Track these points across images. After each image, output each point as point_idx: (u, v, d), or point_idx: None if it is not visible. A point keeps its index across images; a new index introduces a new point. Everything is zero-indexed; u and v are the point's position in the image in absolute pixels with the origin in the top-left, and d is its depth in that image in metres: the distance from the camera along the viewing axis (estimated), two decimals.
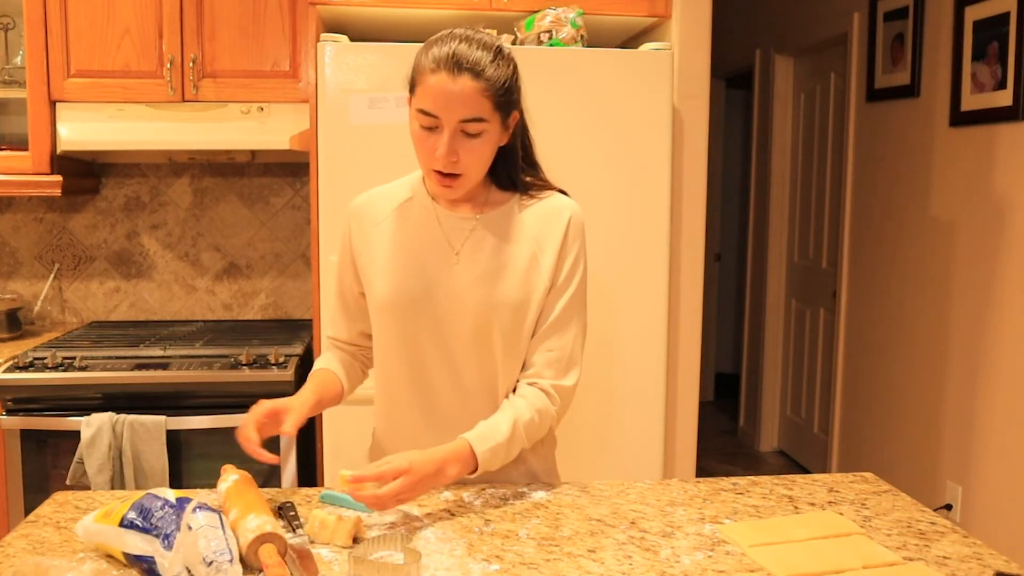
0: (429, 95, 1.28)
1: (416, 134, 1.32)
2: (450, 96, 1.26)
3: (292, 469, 2.35)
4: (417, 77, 1.31)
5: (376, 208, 1.46)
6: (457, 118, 1.28)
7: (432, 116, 1.28)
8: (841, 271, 3.85)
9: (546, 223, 1.41)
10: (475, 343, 1.40)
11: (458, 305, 1.39)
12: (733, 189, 5.81)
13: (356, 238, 1.46)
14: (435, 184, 1.35)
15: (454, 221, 1.41)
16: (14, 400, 2.28)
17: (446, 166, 1.31)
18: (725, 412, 5.39)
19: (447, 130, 1.28)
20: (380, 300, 1.42)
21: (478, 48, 1.29)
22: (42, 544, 1.20)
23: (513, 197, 1.43)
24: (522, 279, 1.39)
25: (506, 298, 1.38)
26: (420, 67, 1.30)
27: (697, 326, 2.54)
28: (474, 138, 1.30)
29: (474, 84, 1.27)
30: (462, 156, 1.30)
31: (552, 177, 1.51)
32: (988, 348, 2.87)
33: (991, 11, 2.79)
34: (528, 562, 1.15)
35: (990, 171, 2.86)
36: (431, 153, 1.30)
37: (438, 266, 1.40)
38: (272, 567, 1.06)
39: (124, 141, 2.58)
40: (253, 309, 3.02)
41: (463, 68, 1.26)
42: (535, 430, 1.39)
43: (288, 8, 2.56)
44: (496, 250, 1.39)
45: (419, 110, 1.29)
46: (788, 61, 4.49)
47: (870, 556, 1.17)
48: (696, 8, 2.45)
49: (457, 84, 1.26)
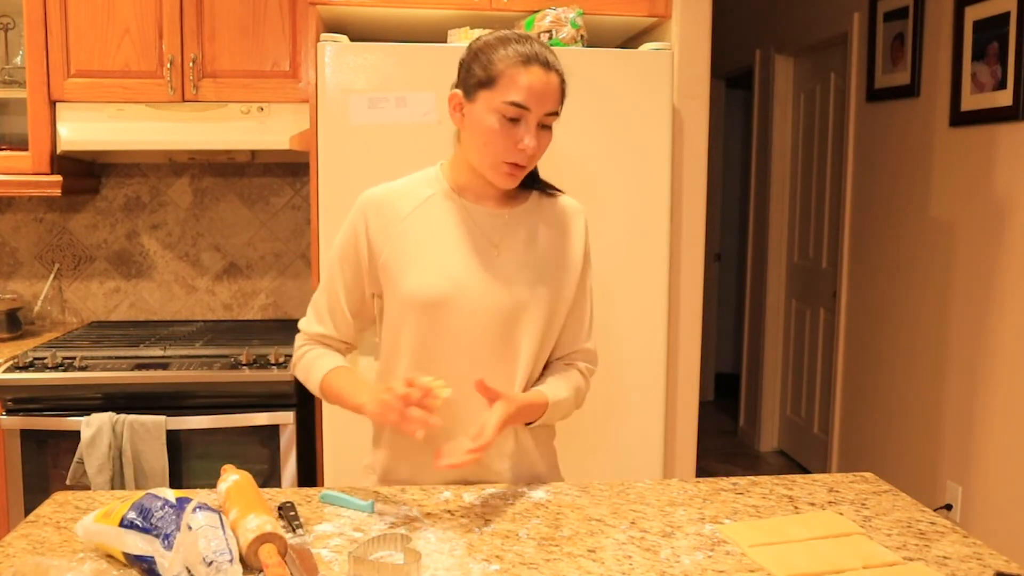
0: (522, 88, 1.33)
1: (493, 129, 1.35)
2: (545, 89, 1.34)
3: (292, 469, 2.35)
4: (496, 72, 1.34)
5: (398, 203, 1.45)
6: (544, 110, 1.35)
7: (523, 108, 1.33)
8: (841, 271, 3.85)
9: (568, 218, 1.51)
10: (502, 336, 1.42)
11: (493, 299, 1.41)
12: (733, 189, 5.81)
13: (376, 234, 1.43)
14: (503, 175, 1.38)
15: (485, 216, 1.45)
16: (14, 400, 2.28)
17: (528, 158, 1.37)
18: (725, 412, 5.39)
19: (534, 123, 1.35)
20: (411, 296, 1.40)
21: (549, 51, 1.38)
22: (42, 544, 1.20)
23: (532, 194, 1.50)
24: (556, 271, 1.47)
25: (545, 292, 1.45)
26: (500, 62, 1.34)
27: (697, 326, 2.55)
28: (547, 130, 1.38)
29: (557, 80, 1.36)
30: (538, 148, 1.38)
31: (552, 177, 1.55)
32: (988, 348, 2.87)
33: (991, 11, 2.79)
34: (528, 562, 1.15)
35: (990, 171, 2.86)
36: (513, 145, 1.35)
37: (477, 260, 1.42)
38: (272, 567, 1.06)
39: (124, 141, 2.58)
40: (253, 309, 3.02)
41: (551, 65, 1.36)
42: (584, 394, 1.54)
43: (288, 8, 2.56)
44: (529, 243, 1.45)
45: (508, 103, 1.33)
46: (788, 61, 4.49)
47: (870, 556, 1.17)
48: (696, 8, 2.45)
49: (549, 79, 1.35)
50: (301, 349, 1.52)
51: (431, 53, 2.24)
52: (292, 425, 2.34)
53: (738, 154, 5.78)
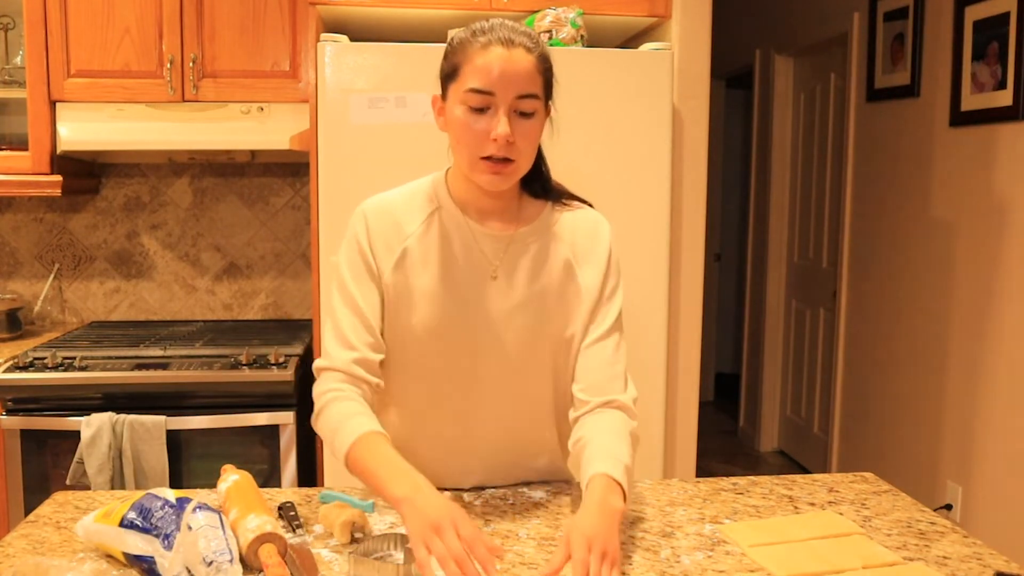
0: (481, 72, 1.20)
1: (462, 121, 1.23)
2: (506, 69, 1.20)
3: (292, 469, 2.35)
4: (459, 59, 1.23)
5: (400, 218, 1.33)
6: (513, 93, 1.21)
7: (485, 94, 1.20)
8: (841, 271, 3.85)
9: (584, 236, 1.36)
10: (508, 371, 1.33)
11: (493, 335, 1.31)
12: (733, 189, 5.81)
13: (380, 251, 1.31)
14: (484, 172, 1.24)
15: (488, 239, 1.32)
16: (14, 400, 2.28)
17: (502, 148, 1.21)
18: (725, 412, 5.39)
19: (502, 108, 1.21)
20: (419, 327, 1.30)
21: (521, 31, 1.24)
22: (42, 544, 1.20)
23: (545, 208, 1.37)
24: (559, 303, 1.33)
25: (548, 330, 1.33)
26: (463, 49, 1.23)
27: (697, 326, 2.54)
28: (528, 119, 1.24)
29: (529, 57, 1.22)
30: (517, 138, 1.22)
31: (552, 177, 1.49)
32: (988, 348, 2.87)
33: (991, 11, 2.79)
34: (528, 562, 1.15)
35: (990, 171, 2.86)
36: (484, 137, 1.21)
37: (474, 286, 1.31)
38: (272, 567, 1.06)
39: (124, 141, 2.58)
40: (253, 309, 3.02)
41: (516, 43, 1.22)
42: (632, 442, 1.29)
43: (288, 8, 2.56)
44: (533, 272, 1.32)
45: (469, 90, 1.21)
46: (788, 61, 4.49)
47: (870, 556, 1.17)
48: (696, 8, 2.45)
49: (513, 55, 1.21)
50: (325, 396, 1.27)
51: (431, 53, 2.23)
52: (292, 425, 2.34)
53: (738, 154, 5.78)
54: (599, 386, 1.31)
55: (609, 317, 1.34)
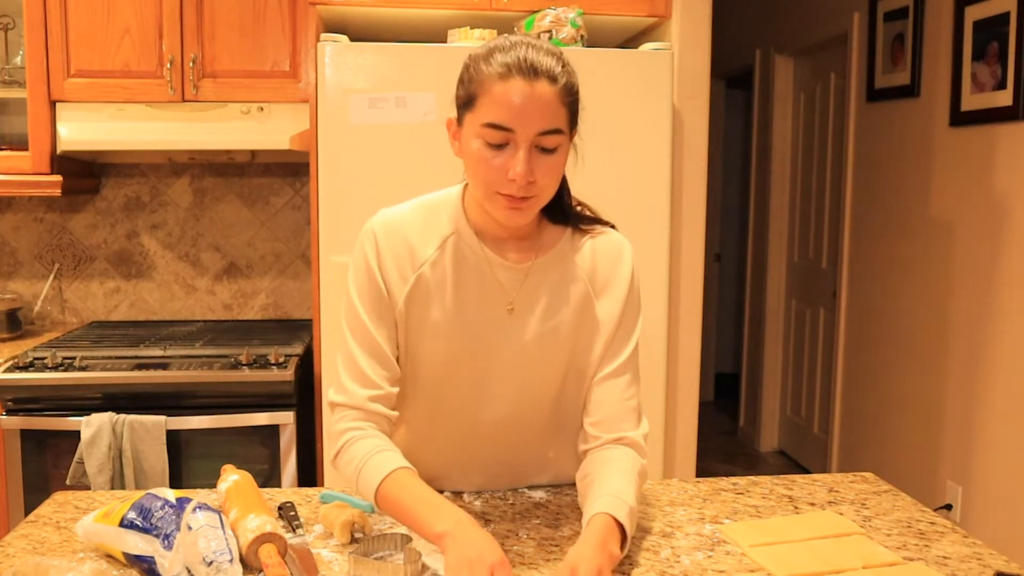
0: (501, 106, 1.11)
1: (478, 155, 1.14)
2: (528, 105, 1.11)
3: (292, 469, 2.35)
4: (477, 89, 1.14)
5: (415, 242, 1.25)
6: (535, 130, 1.12)
7: (505, 130, 1.12)
8: (841, 271, 3.85)
9: (604, 266, 1.30)
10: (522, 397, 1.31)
11: (505, 367, 1.27)
12: (733, 189, 5.81)
13: (392, 276, 1.25)
14: (501, 209, 1.17)
15: (504, 270, 1.25)
16: (14, 400, 2.28)
17: (522, 188, 1.13)
18: (725, 412, 5.39)
19: (523, 146, 1.12)
20: (429, 357, 1.27)
21: (546, 53, 1.14)
22: (42, 544, 1.20)
23: (565, 233, 1.30)
24: (574, 336, 1.28)
25: (560, 362, 1.29)
26: (481, 77, 1.14)
27: (697, 326, 2.54)
28: (550, 154, 1.15)
29: (552, 90, 1.12)
30: (538, 176, 1.14)
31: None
32: (988, 348, 2.87)
33: (991, 11, 2.79)
34: (528, 562, 1.15)
35: (990, 171, 2.86)
36: (502, 175, 1.13)
37: (489, 320, 1.26)
38: (272, 567, 1.06)
39: (124, 141, 2.58)
40: (253, 309, 3.02)
41: (540, 73, 1.11)
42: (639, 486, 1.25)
43: (288, 8, 2.56)
44: (550, 306, 1.27)
45: (487, 125, 1.12)
46: (788, 61, 4.49)
47: (870, 556, 1.17)
48: (696, 8, 2.45)
49: (535, 90, 1.11)
50: (344, 436, 1.23)
51: (431, 53, 2.24)
52: (292, 425, 2.34)
53: (738, 154, 5.78)
54: (610, 422, 1.28)
55: (625, 351, 1.29)
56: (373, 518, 1.29)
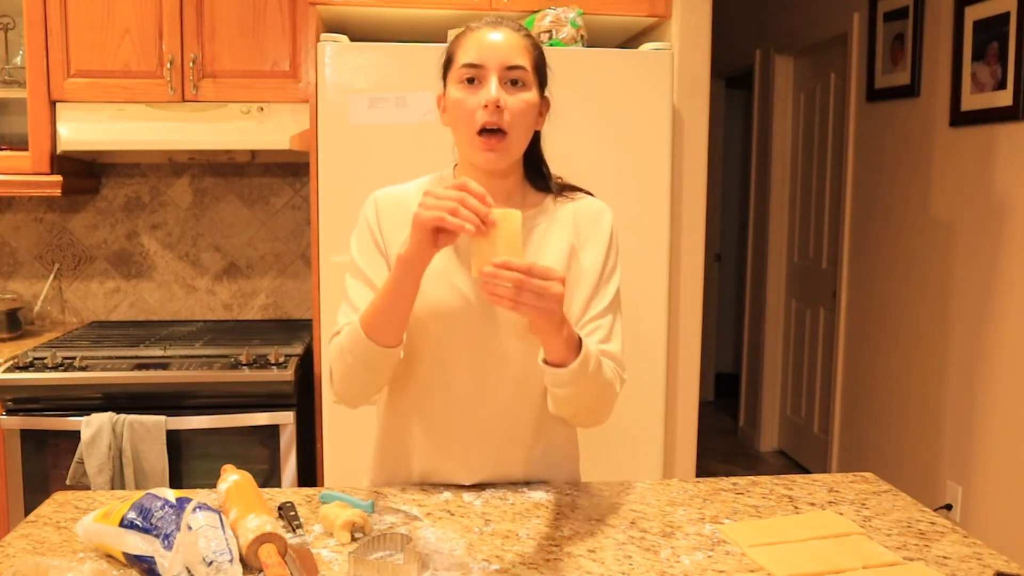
0: (471, 47, 1.30)
1: (457, 100, 1.30)
2: (494, 42, 1.30)
3: (292, 469, 2.35)
4: (453, 48, 1.33)
5: (411, 204, 1.32)
6: (502, 63, 1.28)
7: (476, 67, 1.28)
8: (841, 271, 3.85)
9: (586, 221, 1.41)
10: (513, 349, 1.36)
11: (495, 317, 1.34)
12: (733, 189, 5.81)
13: (388, 233, 1.37)
14: (480, 150, 1.29)
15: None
16: (14, 400, 2.28)
17: (493, 113, 1.26)
18: (725, 412, 5.39)
19: (492, 75, 1.28)
20: (422, 309, 1.33)
21: (513, 19, 1.35)
22: (42, 544, 1.20)
23: (547, 199, 1.42)
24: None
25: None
26: (457, 40, 1.34)
27: (697, 326, 2.54)
28: (519, 89, 1.30)
29: (516, 35, 1.32)
30: (509, 108, 1.28)
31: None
32: (988, 348, 2.88)
33: (991, 11, 2.79)
34: (528, 562, 1.15)
35: (990, 171, 2.86)
36: (475, 109, 1.28)
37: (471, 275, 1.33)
38: (272, 567, 1.06)
39: (124, 141, 2.58)
40: (253, 309, 3.02)
41: (504, 23, 1.32)
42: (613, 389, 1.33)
43: (288, 8, 2.56)
44: (537, 256, 1.36)
45: (460, 67, 1.30)
46: (788, 61, 4.49)
47: (870, 556, 1.17)
48: (696, 8, 2.45)
49: (500, 32, 1.31)
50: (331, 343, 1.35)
51: (431, 53, 2.22)
52: (292, 425, 2.34)
53: (738, 154, 5.78)
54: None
55: (607, 296, 1.39)
56: (373, 518, 1.29)
